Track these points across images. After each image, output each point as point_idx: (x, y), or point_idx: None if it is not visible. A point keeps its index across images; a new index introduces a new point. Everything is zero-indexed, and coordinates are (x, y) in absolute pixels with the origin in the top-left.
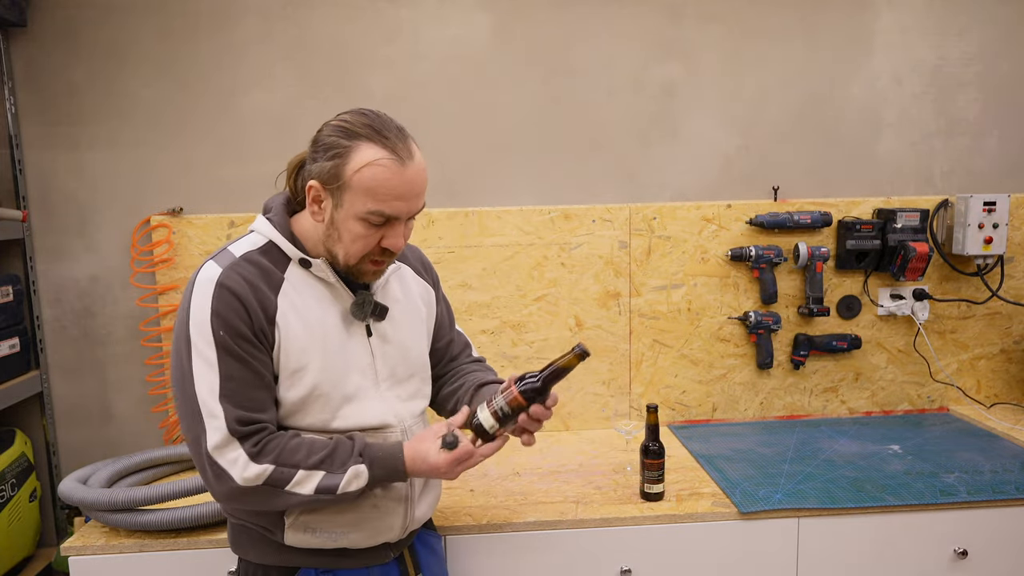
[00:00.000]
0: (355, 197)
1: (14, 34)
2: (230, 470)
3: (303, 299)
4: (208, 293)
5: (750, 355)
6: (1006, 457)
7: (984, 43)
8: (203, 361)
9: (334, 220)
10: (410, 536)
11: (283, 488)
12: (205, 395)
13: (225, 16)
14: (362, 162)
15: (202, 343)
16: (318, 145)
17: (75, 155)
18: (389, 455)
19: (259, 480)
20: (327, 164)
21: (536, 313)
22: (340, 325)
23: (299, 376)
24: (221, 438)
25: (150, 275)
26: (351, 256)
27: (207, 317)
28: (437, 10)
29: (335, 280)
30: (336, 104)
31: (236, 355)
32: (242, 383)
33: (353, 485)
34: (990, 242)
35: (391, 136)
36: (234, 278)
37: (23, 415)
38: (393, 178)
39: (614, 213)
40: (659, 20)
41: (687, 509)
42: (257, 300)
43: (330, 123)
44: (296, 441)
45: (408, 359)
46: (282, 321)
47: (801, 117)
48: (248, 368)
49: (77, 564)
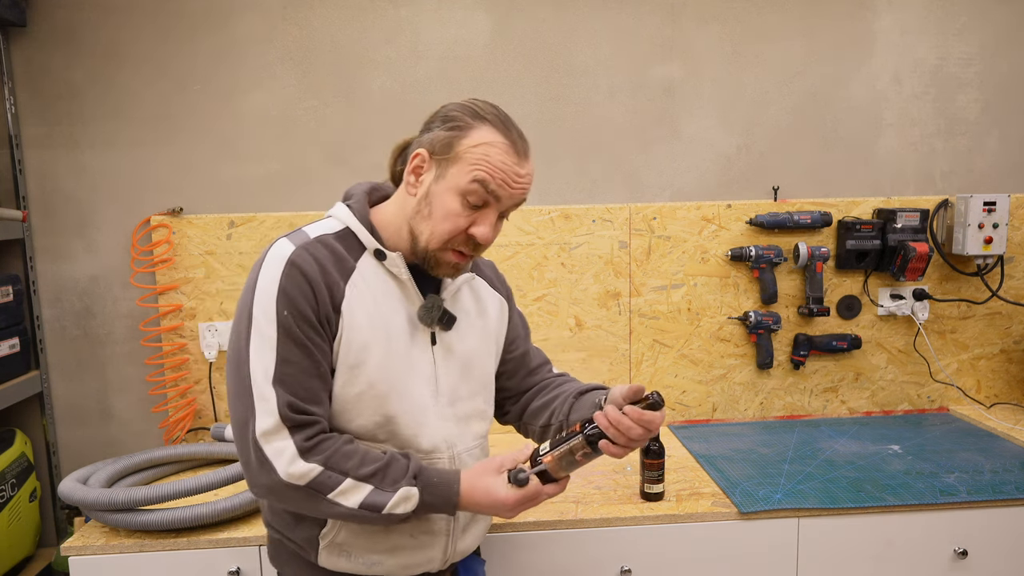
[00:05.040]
0: (462, 169)
1: (14, 34)
2: (275, 461)
3: (372, 292)
4: (278, 270)
5: (750, 355)
6: (1006, 457)
7: (984, 43)
8: (262, 340)
9: (430, 193)
10: (452, 567)
11: (326, 495)
12: (259, 376)
13: (225, 16)
14: (481, 140)
15: (264, 321)
16: (438, 116)
17: (75, 155)
18: (444, 483)
19: (304, 480)
20: (443, 134)
21: (536, 313)
22: (405, 328)
23: (357, 372)
24: (272, 424)
25: (150, 275)
26: (436, 236)
27: (273, 295)
28: (437, 10)
29: (407, 278)
30: (336, 104)
31: (297, 339)
32: (299, 369)
33: (400, 508)
34: (990, 242)
35: (514, 132)
36: (306, 258)
37: (23, 415)
38: (507, 162)
39: (614, 213)
40: (659, 20)
41: (687, 509)
42: (326, 284)
43: (456, 102)
44: (350, 447)
45: (471, 375)
46: (347, 311)
47: (801, 117)
48: (307, 355)
49: (77, 564)
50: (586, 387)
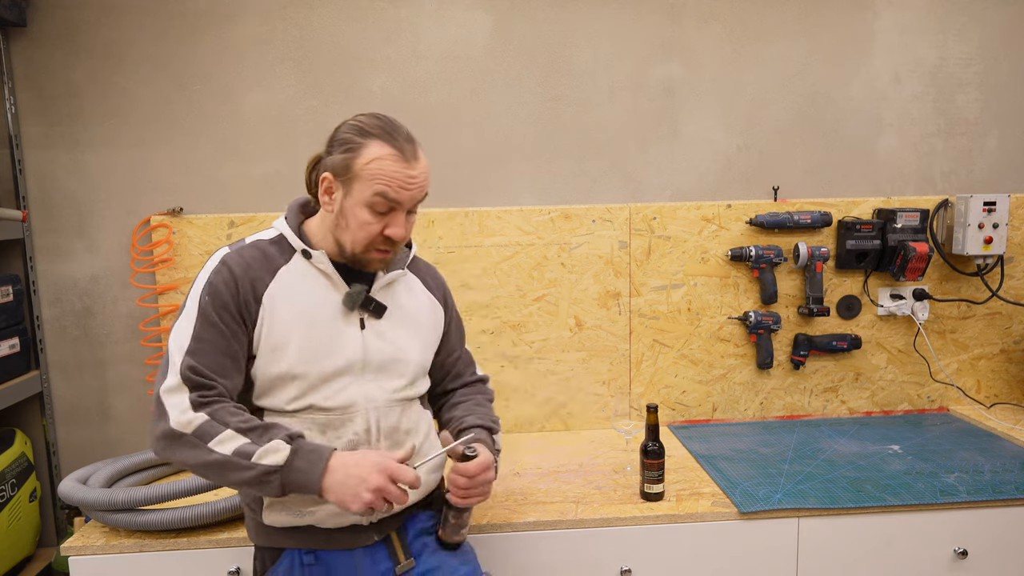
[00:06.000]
0: (363, 185)
1: (14, 34)
2: (170, 412)
3: (299, 285)
4: (211, 267)
5: (750, 355)
6: (1006, 457)
7: (984, 43)
8: (186, 319)
9: (343, 209)
10: (396, 518)
11: (206, 443)
12: (174, 347)
13: (225, 16)
14: (372, 156)
15: (191, 304)
16: (335, 141)
17: (75, 155)
18: (316, 450)
19: (189, 428)
20: (340, 157)
21: (536, 313)
22: (334, 314)
23: (279, 353)
24: (174, 382)
25: (150, 275)
26: (357, 243)
27: (202, 285)
28: (437, 10)
29: (332, 271)
30: (336, 104)
31: (212, 321)
32: (210, 345)
33: (268, 458)
34: (990, 242)
35: (399, 139)
36: (235, 258)
37: (23, 415)
38: (398, 170)
39: (614, 213)
40: (659, 20)
41: (687, 509)
42: (249, 278)
43: (347, 122)
44: (237, 410)
45: (399, 358)
46: (268, 301)
47: (801, 117)
48: (219, 335)
49: (77, 564)
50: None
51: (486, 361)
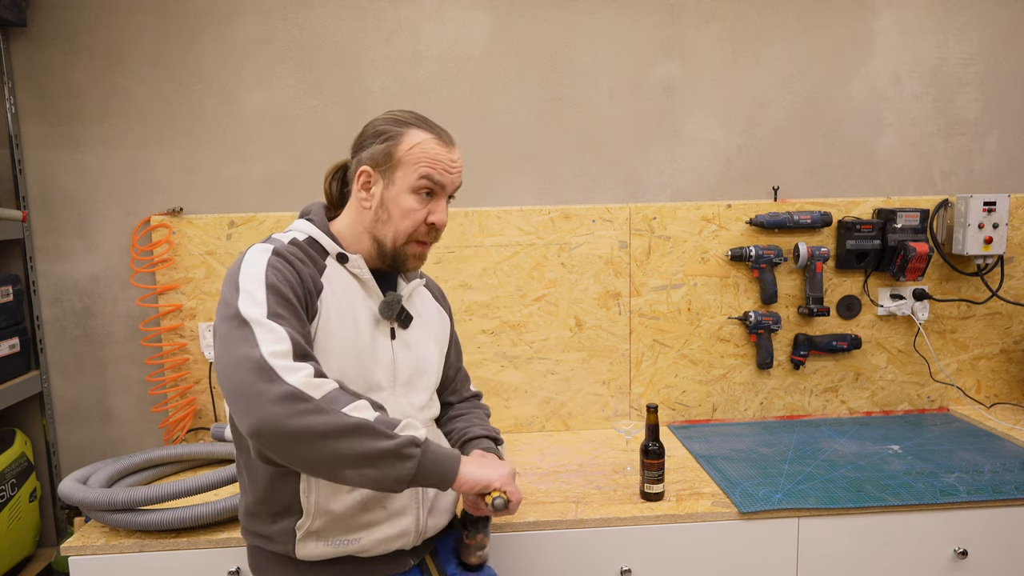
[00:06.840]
0: (407, 171)
1: (14, 34)
2: (287, 375)
3: (342, 289)
4: (263, 259)
5: (750, 355)
6: (1006, 457)
7: (984, 43)
8: (251, 299)
9: (384, 200)
10: (430, 542)
11: (340, 408)
12: (259, 315)
13: (225, 16)
14: (414, 141)
15: (253, 287)
16: (367, 134)
17: (75, 155)
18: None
19: (318, 392)
20: (380, 147)
21: (536, 313)
22: (369, 322)
23: (327, 356)
24: (283, 348)
25: (150, 275)
26: (400, 235)
27: (262, 270)
28: (437, 10)
29: (368, 277)
30: (336, 104)
31: (285, 297)
32: (290, 321)
33: (411, 431)
34: (990, 242)
35: (436, 126)
36: (287, 251)
37: (23, 415)
38: (442, 153)
39: (614, 213)
40: (659, 20)
41: (687, 509)
42: (308, 272)
43: (378, 118)
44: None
45: (424, 370)
46: (324, 298)
47: (801, 117)
48: (295, 314)
49: (77, 564)
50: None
51: (486, 361)
